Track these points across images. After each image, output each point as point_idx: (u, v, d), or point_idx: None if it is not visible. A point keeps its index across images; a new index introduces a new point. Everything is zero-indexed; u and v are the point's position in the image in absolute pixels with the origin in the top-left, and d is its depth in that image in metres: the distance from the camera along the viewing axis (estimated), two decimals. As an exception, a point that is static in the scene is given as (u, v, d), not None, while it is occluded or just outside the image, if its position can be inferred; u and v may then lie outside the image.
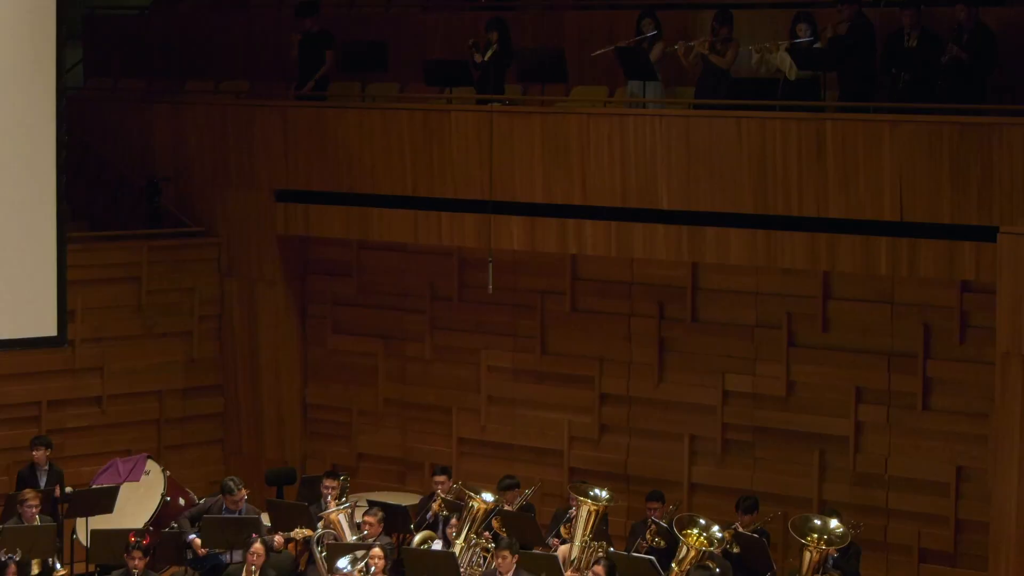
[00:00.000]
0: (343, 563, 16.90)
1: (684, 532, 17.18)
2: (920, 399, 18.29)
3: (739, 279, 19.33)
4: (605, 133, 19.14)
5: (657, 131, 18.81)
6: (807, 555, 16.80)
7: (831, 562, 16.87)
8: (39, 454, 19.43)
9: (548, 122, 19.63)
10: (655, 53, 19.32)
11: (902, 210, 17.38)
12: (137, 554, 16.93)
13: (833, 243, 17.82)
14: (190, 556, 18.29)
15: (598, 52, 19.46)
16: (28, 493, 18.21)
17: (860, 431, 18.68)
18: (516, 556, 16.91)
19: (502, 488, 18.52)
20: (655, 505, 18.23)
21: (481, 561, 17.29)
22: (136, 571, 16.87)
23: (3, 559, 16.56)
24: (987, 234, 16.90)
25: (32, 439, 19.73)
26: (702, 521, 17.30)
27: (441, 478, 19.00)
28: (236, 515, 18.37)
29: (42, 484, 19.06)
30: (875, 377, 18.54)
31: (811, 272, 18.62)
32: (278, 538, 18.23)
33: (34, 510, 17.98)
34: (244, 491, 18.63)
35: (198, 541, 18.25)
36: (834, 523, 17.07)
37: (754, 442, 19.35)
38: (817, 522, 17.09)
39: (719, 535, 17.16)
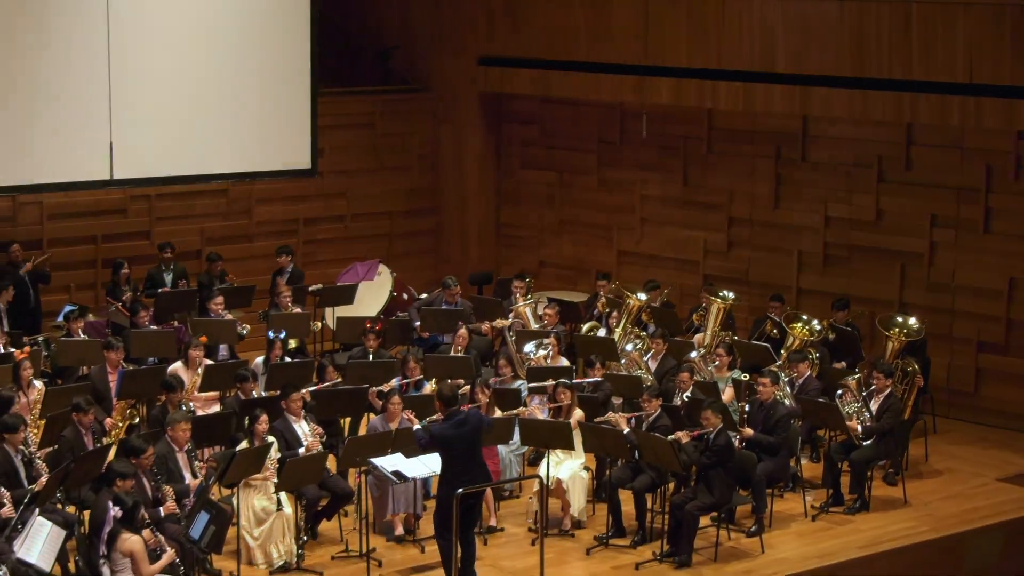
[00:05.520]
0: (529, 347, 17.22)
1: (791, 326, 17.32)
2: (982, 224, 18.19)
3: (840, 128, 19.24)
4: (736, 11, 19.04)
5: (777, 10, 18.69)
6: (890, 345, 16.90)
7: (902, 353, 16.97)
8: (283, 259, 19.81)
9: (692, 2, 19.55)
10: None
11: (971, 74, 17.18)
12: (371, 336, 17.26)
13: (915, 100, 17.65)
14: (415, 336, 18.66)
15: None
16: (283, 287, 18.69)
17: (933, 249, 18.61)
18: (667, 343, 17.17)
19: (648, 289, 18.66)
20: (776, 304, 18.28)
21: (633, 345, 17.53)
22: (371, 349, 17.20)
23: (272, 337, 17.05)
24: (1040, 93, 16.77)
25: (277, 248, 20.06)
26: (805, 317, 17.40)
27: (603, 283, 19.22)
28: (451, 307, 18.71)
29: (284, 282, 19.45)
30: (946, 206, 18.44)
31: (897, 123, 18.49)
32: (486, 326, 18.59)
33: (288, 300, 18.40)
34: (458, 289, 18.98)
35: (420, 326, 18.66)
36: (912, 320, 17.14)
37: (849, 257, 19.34)
38: (898, 319, 17.15)
39: (818, 328, 17.27)
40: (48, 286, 19.12)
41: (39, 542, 12.25)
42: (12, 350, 16.50)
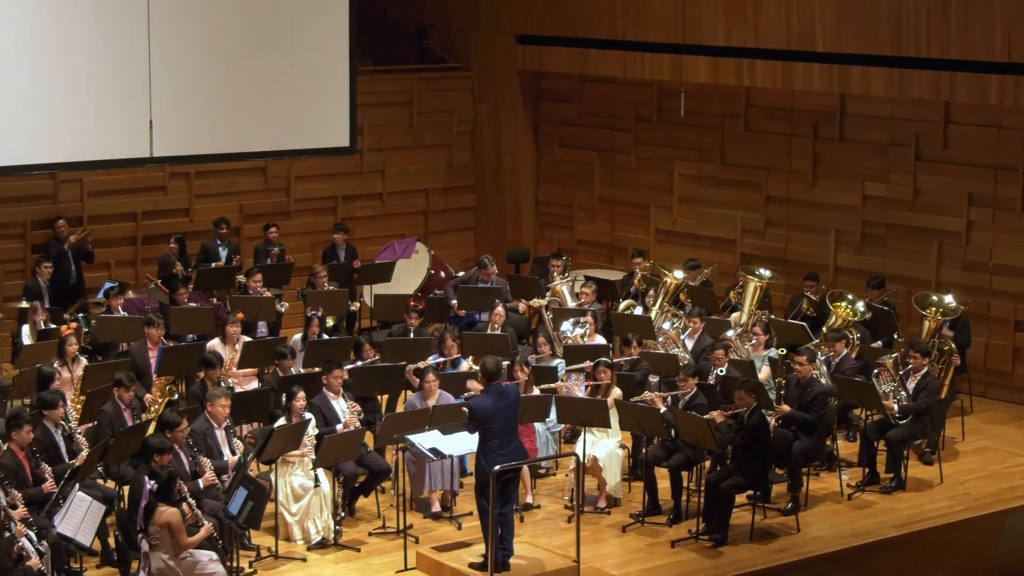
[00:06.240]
0: (566, 325, 17.15)
1: (834, 304, 17.18)
2: (1019, 202, 18.00)
3: (877, 106, 19.07)
4: (774, -10, 19.01)
5: (815, -12, 18.64)
6: (926, 324, 16.77)
7: (945, 326, 16.83)
8: (339, 237, 19.89)
9: (730, -19, 19.49)
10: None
11: (1010, 52, 17.02)
12: (414, 315, 17.27)
13: (953, 79, 17.51)
14: (451, 315, 18.65)
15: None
16: (318, 267, 18.70)
17: (971, 228, 18.45)
18: (704, 322, 17.08)
19: (688, 268, 18.61)
20: (811, 283, 18.23)
21: (670, 324, 17.45)
22: (412, 327, 17.21)
23: (309, 315, 17.03)
24: (1078, 72, 16.60)
25: (334, 225, 20.22)
26: (850, 296, 17.28)
27: (638, 260, 19.14)
28: (487, 285, 18.67)
29: (341, 259, 19.53)
30: (983, 185, 18.27)
31: (935, 101, 18.32)
32: (523, 305, 18.51)
33: (324, 279, 18.42)
34: (495, 268, 18.94)
35: (456, 304, 18.63)
36: (948, 299, 17.00)
37: (886, 235, 19.19)
38: (935, 298, 17.02)
39: (861, 308, 17.14)
40: (91, 263, 19.19)
41: (79, 517, 12.29)
42: (52, 326, 16.57)
